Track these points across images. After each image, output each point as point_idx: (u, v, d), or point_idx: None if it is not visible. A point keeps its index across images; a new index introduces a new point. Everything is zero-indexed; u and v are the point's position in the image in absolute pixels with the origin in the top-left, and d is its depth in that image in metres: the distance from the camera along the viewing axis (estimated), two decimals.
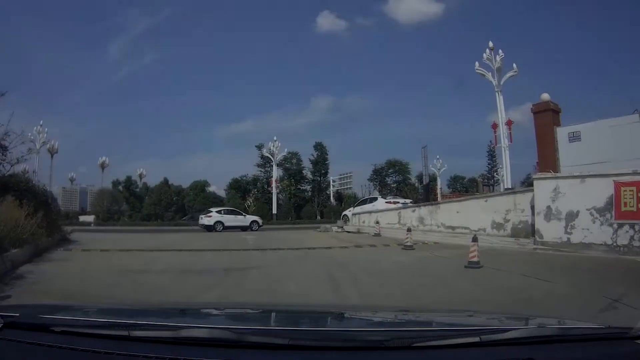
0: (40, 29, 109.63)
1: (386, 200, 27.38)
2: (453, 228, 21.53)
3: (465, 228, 20.90)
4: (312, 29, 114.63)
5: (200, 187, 79.54)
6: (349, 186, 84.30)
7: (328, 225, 25.62)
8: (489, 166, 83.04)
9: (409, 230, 17.39)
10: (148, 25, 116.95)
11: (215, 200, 75.91)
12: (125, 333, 1.79)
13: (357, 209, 27.64)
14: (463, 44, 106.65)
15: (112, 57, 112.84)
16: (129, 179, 79.25)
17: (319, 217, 69.34)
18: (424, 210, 23.15)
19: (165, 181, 78.84)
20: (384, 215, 24.17)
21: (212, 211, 34.42)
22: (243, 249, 16.53)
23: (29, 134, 58.14)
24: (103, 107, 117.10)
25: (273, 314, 2.93)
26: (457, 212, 21.83)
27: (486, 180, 55.60)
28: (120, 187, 77.51)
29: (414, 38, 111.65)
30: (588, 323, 2.24)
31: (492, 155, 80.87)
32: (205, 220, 32.75)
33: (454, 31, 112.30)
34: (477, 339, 1.74)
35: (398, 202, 26.92)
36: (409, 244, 16.74)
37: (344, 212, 30.12)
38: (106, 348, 1.68)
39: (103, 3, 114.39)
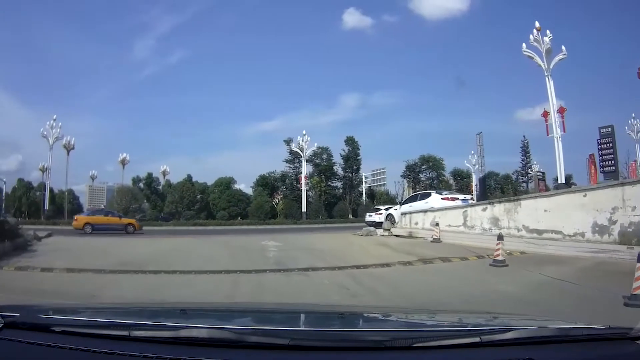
0: (65, 29, 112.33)
1: (442, 196, 21.83)
2: (539, 232, 16.20)
3: (557, 232, 15.68)
4: (338, 26, 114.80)
5: (225, 184, 75.03)
6: (382, 182, 79.08)
7: (372, 228, 20.31)
8: (523, 162, 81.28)
9: (500, 238, 11.96)
10: (174, 24, 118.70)
11: (242, 198, 71.74)
12: (125, 333, 1.78)
13: (406, 207, 22.19)
14: (489, 39, 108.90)
15: (138, 56, 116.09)
16: (149, 175, 75.39)
17: (351, 216, 64.24)
18: (498, 209, 17.70)
19: (189, 178, 74.63)
20: (443, 216, 18.82)
21: (380, 209, 33.28)
22: (256, 270, 11.01)
23: (41, 129, 55.97)
24: (130, 105, 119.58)
25: (273, 315, 2.94)
26: (545, 210, 16.43)
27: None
28: (141, 185, 73.68)
29: (440, 33, 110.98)
30: (588, 324, 2.10)
31: (526, 151, 79.84)
32: (375, 217, 31.27)
33: (480, 26, 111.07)
34: (477, 340, 1.72)
35: (457, 199, 21.48)
36: (500, 258, 11.50)
37: (389, 211, 24.87)
38: (106, 348, 1.67)
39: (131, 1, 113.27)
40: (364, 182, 77.26)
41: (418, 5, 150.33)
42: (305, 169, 66.12)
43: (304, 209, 59.20)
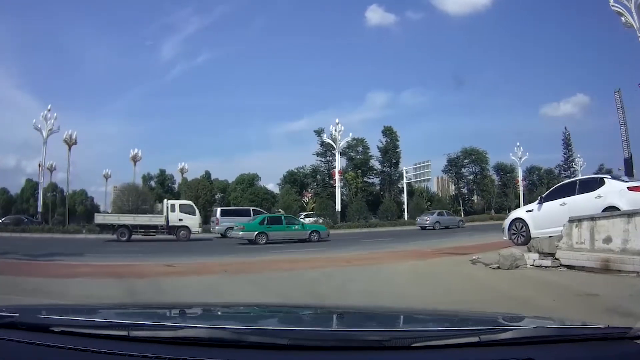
0: (87, 29, 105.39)
1: (630, 185, 11.63)
2: None
3: None
4: (362, 24, 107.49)
5: (248, 181, 65.77)
6: (426, 177, 68.06)
7: (516, 251, 10.10)
8: (565, 156, 77.52)
9: None
10: (201, 25, 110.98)
11: (266, 197, 62.50)
12: (124, 333, 1.76)
13: (554, 206, 11.89)
14: (514, 36, 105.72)
15: (165, 57, 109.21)
16: (162, 173, 66.86)
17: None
18: None
19: (207, 175, 65.61)
20: None
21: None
22: None
23: (34, 120, 47.80)
24: (157, 107, 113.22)
25: (273, 314, 2.93)
26: None
27: None
28: (152, 183, 64.93)
29: (464, 29, 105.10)
30: (588, 323, 2.12)
31: (568, 144, 75.94)
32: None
33: (505, 22, 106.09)
34: (476, 339, 1.70)
35: None
36: None
37: (515, 214, 14.10)
38: (106, 348, 1.66)
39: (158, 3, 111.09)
40: (404, 178, 66.69)
41: (441, 1, 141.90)
42: (339, 162, 56.44)
43: (338, 208, 49.10)
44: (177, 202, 32.61)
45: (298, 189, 65.50)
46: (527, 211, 13.36)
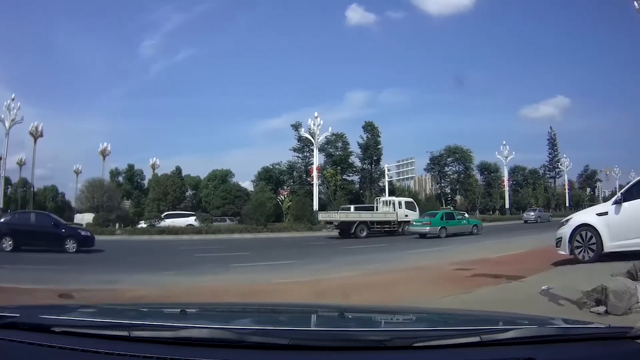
0: (72, 27, 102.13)
1: None
2: None
3: None
4: (342, 23, 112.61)
5: (220, 178, 62.37)
6: (410, 175, 65.34)
7: (630, 284, 6.79)
8: (550, 156, 78.29)
9: None
10: (179, 23, 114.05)
11: (239, 194, 59.36)
12: (125, 333, 1.75)
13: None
14: (498, 35, 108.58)
15: (144, 55, 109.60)
16: (130, 168, 63.08)
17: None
18: None
19: (177, 171, 62.03)
20: None
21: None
22: None
23: None
24: (136, 106, 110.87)
25: (273, 314, 2.92)
26: None
27: None
28: (121, 178, 61.17)
29: (446, 30, 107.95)
30: (588, 322, 2.15)
31: (553, 144, 77.33)
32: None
33: (488, 21, 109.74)
34: (477, 339, 1.69)
35: None
36: None
37: (580, 218, 10.67)
38: (106, 348, 1.65)
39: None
40: (386, 176, 63.81)
41: (422, 2, 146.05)
42: (318, 158, 53.37)
43: (315, 207, 45.87)
44: (402, 200, 35.58)
45: (273, 186, 62.53)
46: (598, 214, 10.20)
